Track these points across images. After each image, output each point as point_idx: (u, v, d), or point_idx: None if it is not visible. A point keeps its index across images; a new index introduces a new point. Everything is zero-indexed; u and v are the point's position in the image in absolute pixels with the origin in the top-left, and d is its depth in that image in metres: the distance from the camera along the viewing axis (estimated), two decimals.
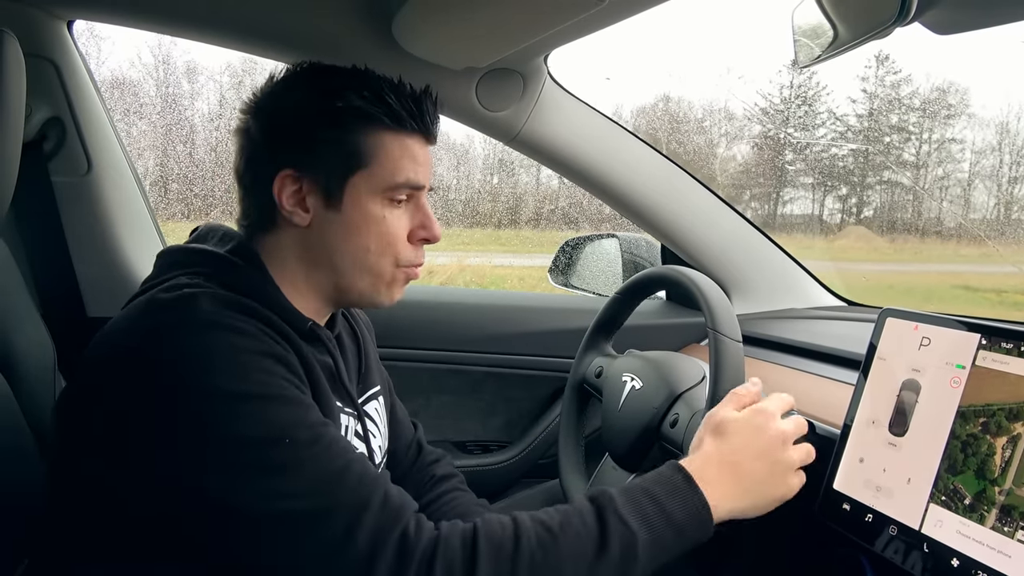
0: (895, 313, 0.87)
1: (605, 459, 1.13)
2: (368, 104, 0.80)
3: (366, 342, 1.02)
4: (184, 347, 0.67)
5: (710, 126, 6.55)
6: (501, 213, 5.87)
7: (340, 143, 0.81)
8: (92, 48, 3.60)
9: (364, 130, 0.81)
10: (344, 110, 0.80)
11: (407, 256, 0.85)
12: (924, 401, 0.81)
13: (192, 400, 0.65)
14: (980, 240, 5.78)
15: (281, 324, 0.76)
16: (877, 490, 0.82)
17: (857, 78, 6.46)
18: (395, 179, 0.82)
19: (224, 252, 0.81)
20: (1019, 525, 0.69)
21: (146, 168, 4.24)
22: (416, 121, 0.83)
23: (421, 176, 0.84)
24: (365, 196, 0.81)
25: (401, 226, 0.84)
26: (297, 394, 0.71)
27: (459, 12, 1.05)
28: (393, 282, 0.86)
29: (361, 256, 0.83)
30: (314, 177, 0.81)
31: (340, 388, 0.87)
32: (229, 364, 0.67)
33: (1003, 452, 0.72)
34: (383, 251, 0.83)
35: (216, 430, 0.65)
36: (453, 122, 1.41)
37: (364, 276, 0.84)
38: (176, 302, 0.71)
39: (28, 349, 1.00)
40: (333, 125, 0.81)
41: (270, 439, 0.66)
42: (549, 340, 1.57)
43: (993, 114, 6.43)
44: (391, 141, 0.82)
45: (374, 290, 0.85)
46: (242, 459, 0.65)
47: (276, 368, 0.70)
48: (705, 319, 0.95)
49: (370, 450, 0.90)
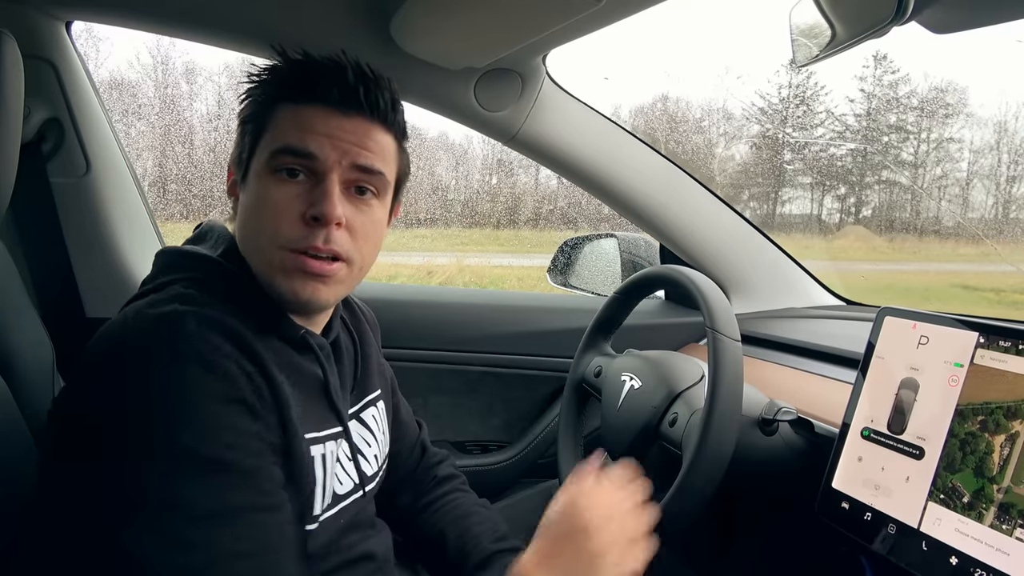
0: (893, 312, 0.88)
1: (604, 459, 1.13)
2: (269, 79, 0.80)
3: (365, 344, 0.99)
4: (152, 381, 0.66)
5: (708, 126, 6.56)
6: (500, 213, 5.87)
7: (245, 122, 0.81)
8: (91, 49, 3.60)
9: (262, 105, 0.80)
10: (251, 91, 0.81)
11: (292, 237, 0.75)
12: (922, 400, 0.81)
13: (141, 440, 0.65)
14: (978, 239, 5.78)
15: (265, 339, 0.76)
16: (876, 489, 0.83)
17: (855, 78, 6.46)
18: (275, 144, 0.77)
19: (218, 256, 0.80)
20: (1017, 523, 0.69)
21: (145, 169, 4.24)
22: (310, 90, 0.77)
23: (310, 142, 0.76)
24: (257, 170, 0.78)
25: (288, 202, 0.75)
26: (249, 462, 0.68)
27: (457, 12, 1.05)
28: (284, 269, 0.76)
29: (252, 238, 0.78)
30: (236, 161, 0.82)
31: (328, 404, 0.84)
32: (188, 412, 0.65)
33: (1001, 450, 0.72)
34: (266, 230, 0.76)
35: (152, 483, 0.64)
36: (452, 122, 1.41)
37: (259, 263, 0.78)
38: (159, 324, 0.70)
39: (27, 350, 1.00)
40: (244, 109, 0.82)
41: (195, 510, 0.64)
42: (548, 340, 1.57)
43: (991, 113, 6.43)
44: (284, 112, 0.78)
45: (271, 280, 0.77)
46: (164, 518, 0.64)
47: (240, 421, 0.68)
48: (704, 318, 0.95)
49: (360, 469, 0.88)
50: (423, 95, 1.34)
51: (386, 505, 1.04)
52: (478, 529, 0.99)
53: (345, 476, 0.86)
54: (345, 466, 0.86)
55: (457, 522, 1.01)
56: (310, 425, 0.79)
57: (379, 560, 0.91)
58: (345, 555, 0.86)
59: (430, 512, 1.04)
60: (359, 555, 0.88)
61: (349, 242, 0.78)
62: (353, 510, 0.87)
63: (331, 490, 0.82)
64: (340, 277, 0.79)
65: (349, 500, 0.86)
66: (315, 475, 0.79)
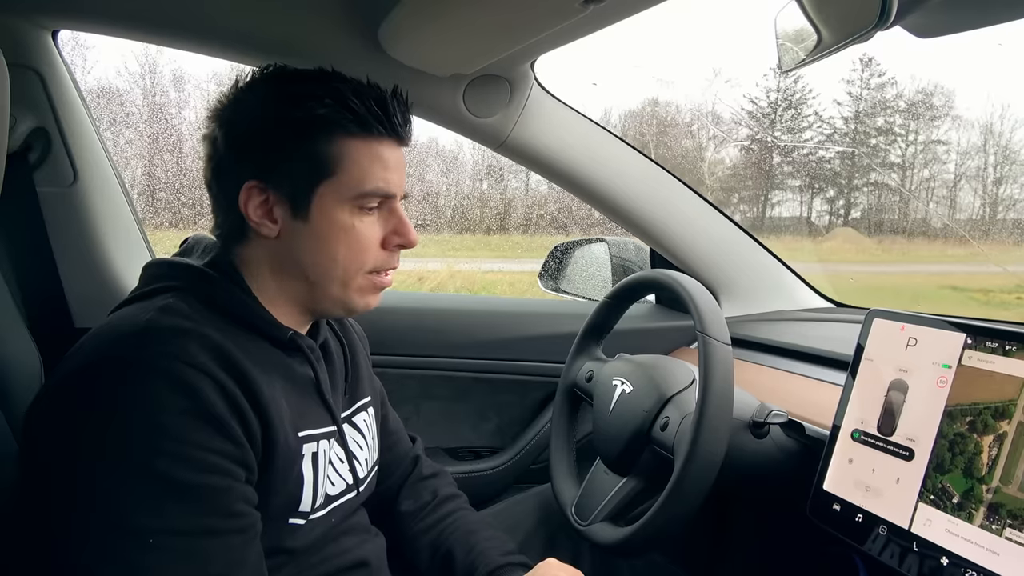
0: (882, 314, 0.88)
1: (597, 463, 1.13)
2: (331, 111, 0.78)
3: (355, 351, 1.00)
4: (118, 394, 0.66)
5: (698, 130, 6.59)
6: (491, 218, 5.87)
7: (304, 153, 0.78)
8: (77, 57, 3.58)
9: (328, 138, 0.78)
10: (306, 119, 0.78)
11: (378, 262, 0.83)
12: (912, 401, 0.81)
13: (104, 449, 0.65)
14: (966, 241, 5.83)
15: (252, 344, 0.76)
16: (867, 490, 0.83)
17: (843, 81, 6.52)
18: (363, 187, 0.79)
19: (202, 265, 0.81)
20: (1007, 523, 0.69)
21: (133, 177, 4.21)
22: (383, 125, 0.80)
23: (392, 182, 0.81)
24: (333, 205, 0.79)
25: (372, 233, 0.82)
26: (207, 480, 0.67)
27: (445, 19, 1.05)
28: (365, 289, 0.84)
29: (330, 265, 0.81)
30: (279, 188, 0.79)
31: (321, 402, 0.85)
32: (148, 428, 0.65)
33: (990, 450, 0.72)
34: (353, 259, 0.81)
35: (106, 501, 0.64)
36: (441, 128, 1.41)
37: (334, 285, 0.82)
38: (134, 336, 0.70)
39: (14, 360, 0.99)
40: (296, 135, 0.78)
41: (148, 532, 0.64)
42: (539, 345, 1.57)
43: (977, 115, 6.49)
44: (357, 148, 0.79)
45: (346, 298, 0.83)
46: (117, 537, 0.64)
47: (205, 439, 0.67)
48: (694, 322, 0.95)
49: (353, 468, 0.89)
50: (412, 102, 1.34)
51: (387, 513, 1.05)
52: (486, 544, 1.00)
53: (338, 478, 0.87)
54: (338, 468, 0.87)
55: (466, 538, 1.01)
56: (303, 423, 0.80)
57: (373, 567, 0.91)
58: (339, 561, 0.86)
59: (437, 531, 1.03)
60: (354, 561, 0.88)
61: None
62: (344, 512, 0.88)
63: (323, 492, 0.82)
64: None
65: (341, 501, 0.87)
66: (304, 473, 0.79)
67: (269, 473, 0.74)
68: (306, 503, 0.79)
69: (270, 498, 0.74)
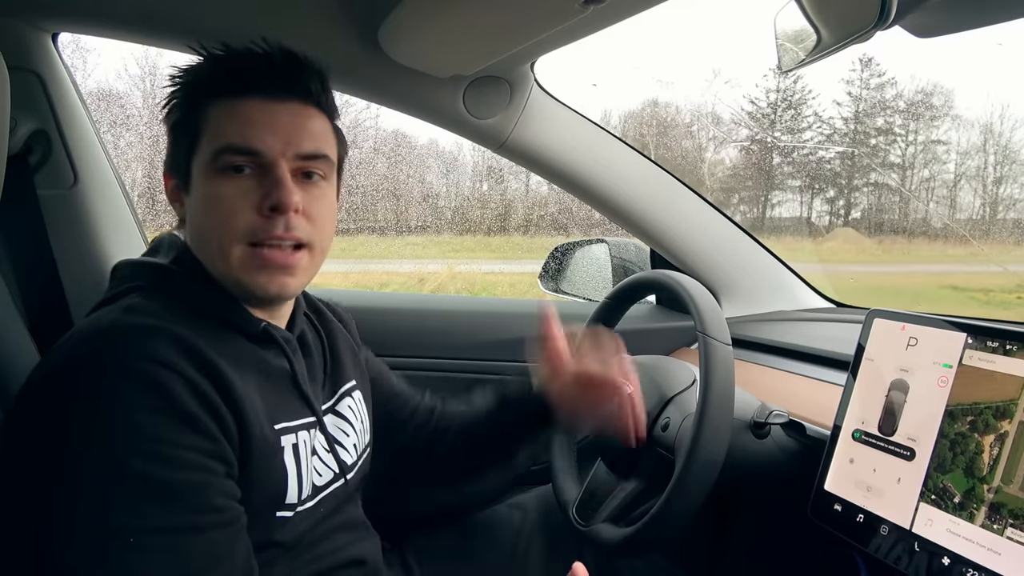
0: (882, 314, 0.88)
1: (598, 464, 1.13)
2: (191, 79, 0.79)
3: (333, 339, 0.97)
4: (89, 394, 0.66)
5: (697, 130, 6.58)
6: (491, 219, 5.87)
7: (177, 126, 0.80)
8: (78, 60, 3.58)
9: (190, 105, 0.79)
10: (174, 94, 0.80)
11: (250, 229, 0.75)
12: (912, 401, 0.81)
13: (80, 451, 0.64)
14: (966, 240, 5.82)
15: (224, 339, 0.76)
16: (868, 490, 0.83)
17: (842, 81, 6.51)
18: (216, 144, 0.76)
19: (168, 263, 0.80)
20: (1008, 522, 0.69)
21: (133, 179, 4.21)
22: (241, 84, 0.76)
23: (254, 138, 0.75)
24: (201, 172, 0.77)
25: (240, 198, 0.75)
26: (183, 477, 0.67)
27: (445, 20, 1.05)
28: (248, 264, 0.76)
29: (206, 238, 0.77)
30: (174, 168, 0.81)
31: (298, 394, 0.84)
32: (121, 426, 0.65)
33: (991, 450, 0.72)
34: (220, 226, 0.75)
35: (84, 501, 0.64)
36: (442, 129, 1.41)
37: (216, 261, 0.77)
38: (101, 337, 0.70)
39: (15, 363, 0.99)
40: (170, 111, 0.81)
41: (128, 531, 0.64)
42: None
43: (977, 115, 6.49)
44: (215, 109, 0.77)
45: (232, 275, 0.77)
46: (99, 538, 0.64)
47: (184, 437, 0.67)
48: (695, 323, 0.95)
49: (337, 455, 0.88)
50: (412, 103, 1.35)
51: (405, 461, 1.09)
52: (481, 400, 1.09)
53: (324, 467, 0.86)
54: (323, 457, 0.86)
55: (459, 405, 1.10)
56: (279, 415, 0.79)
57: (368, 565, 0.91)
58: (334, 558, 0.86)
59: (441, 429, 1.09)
60: (348, 559, 0.88)
61: (308, 227, 0.78)
62: (334, 501, 0.87)
63: (310, 482, 0.82)
64: (304, 265, 0.80)
65: (329, 490, 0.86)
66: (286, 465, 0.78)
67: (248, 467, 0.74)
68: (292, 495, 0.79)
69: (253, 492, 0.74)
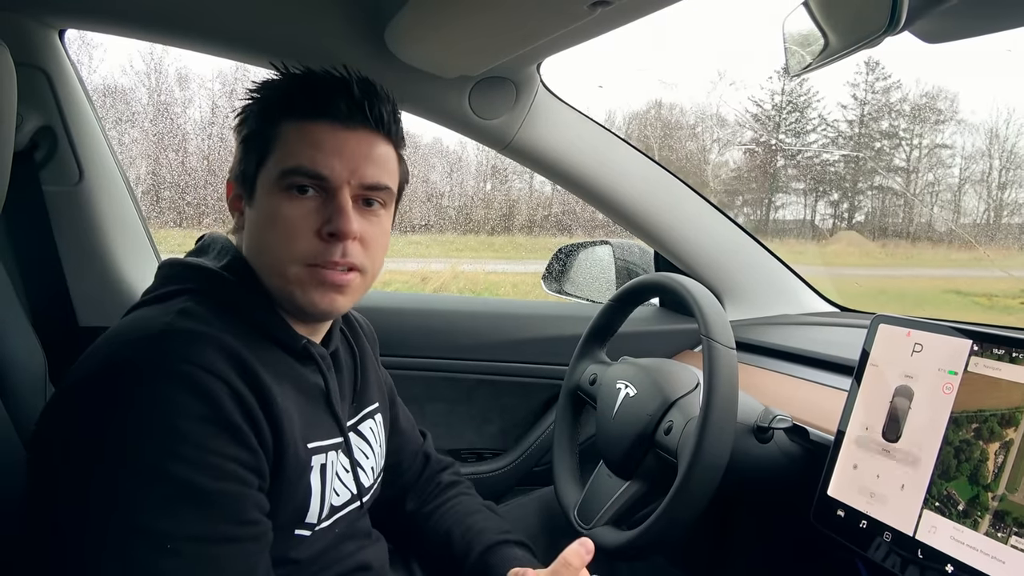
0: (887, 320, 0.88)
1: (600, 467, 1.13)
2: (271, 96, 0.81)
3: (364, 356, 0.98)
4: (135, 398, 0.66)
5: (702, 132, 6.58)
6: (494, 219, 5.87)
7: (248, 138, 0.81)
8: (84, 56, 3.59)
9: (265, 122, 0.80)
10: (251, 108, 0.82)
11: (309, 252, 0.77)
12: (917, 407, 0.81)
13: (123, 455, 0.64)
14: (970, 245, 5.81)
15: (266, 351, 0.76)
16: (871, 496, 0.83)
17: (848, 84, 6.51)
18: (285, 164, 0.77)
19: (219, 268, 0.80)
20: (1012, 531, 0.69)
21: (138, 176, 4.22)
22: (316, 107, 0.78)
23: (322, 163, 0.77)
24: (266, 189, 0.78)
25: (303, 220, 0.77)
26: (222, 487, 0.67)
27: (452, 21, 1.05)
28: (306, 283, 0.77)
29: (265, 253, 0.79)
30: (239, 177, 0.82)
31: (330, 413, 0.85)
32: (164, 432, 0.65)
33: (996, 458, 0.72)
34: (281, 247, 0.77)
35: (121, 504, 0.64)
36: (446, 129, 1.41)
37: (273, 277, 0.79)
38: (152, 340, 0.70)
39: (18, 359, 0.99)
40: (243, 122, 0.82)
41: (163, 536, 0.64)
42: (543, 347, 1.57)
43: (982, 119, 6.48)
44: (289, 129, 0.78)
45: (288, 293, 0.78)
46: (133, 541, 0.63)
47: (220, 445, 0.67)
48: (698, 326, 0.95)
49: (357, 477, 0.88)
50: (418, 103, 1.34)
51: (391, 513, 1.04)
52: (483, 525, 1.00)
53: (343, 488, 0.86)
54: (343, 478, 0.86)
55: (463, 520, 1.01)
56: (312, 434, 0.80)
57: (375, 570, 0.91)
58: (341, 566, 0.86)
59: (436, 516, 1.03)
60: (355, 566, 0.88)
61: (362, 253, 0.80)
62: (348, 521, 0.87)
63: (328, 503, 0.82)
64: (355, 286, 0.81)
65: (345, 511, 0.86)
66: (312, 484, 0.79)
67: (278, 483, 0.74)
68: (312, 514, 0.79)
69: (279, 508, 0.74)
